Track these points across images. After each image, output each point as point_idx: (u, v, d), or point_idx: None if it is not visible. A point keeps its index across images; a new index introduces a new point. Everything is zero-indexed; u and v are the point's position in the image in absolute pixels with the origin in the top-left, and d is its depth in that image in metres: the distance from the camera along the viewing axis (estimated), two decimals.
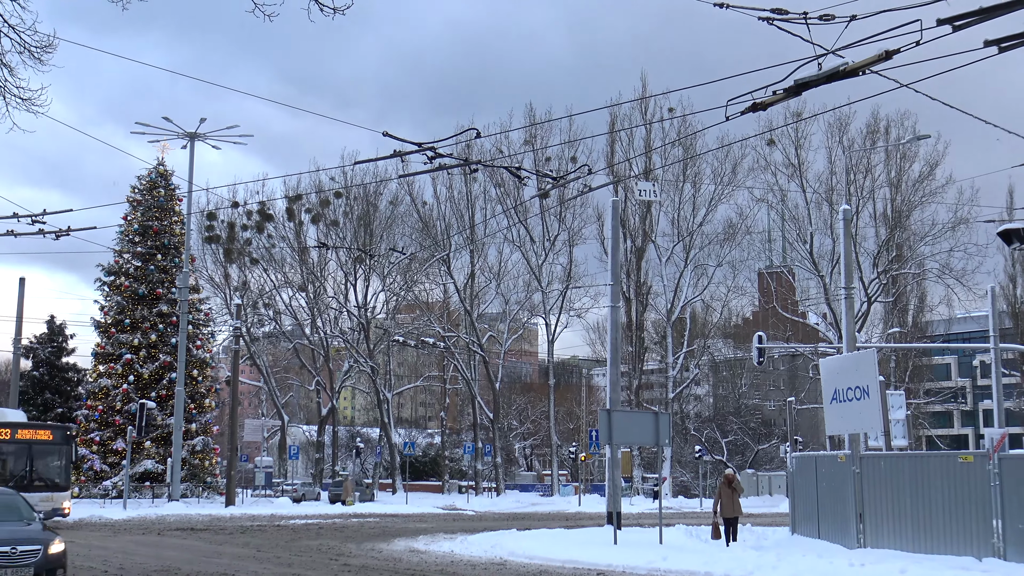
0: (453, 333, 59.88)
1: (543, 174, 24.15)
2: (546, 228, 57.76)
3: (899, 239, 54.17)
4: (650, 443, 24.08)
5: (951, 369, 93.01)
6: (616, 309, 29.93)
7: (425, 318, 60.45)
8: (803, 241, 54.68)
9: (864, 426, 22.07)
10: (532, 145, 56.17)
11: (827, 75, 12.08)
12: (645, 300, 59.19)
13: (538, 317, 61.46)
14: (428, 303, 61.84)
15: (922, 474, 19.79)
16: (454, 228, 58.30)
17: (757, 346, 38.75)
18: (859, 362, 21.82)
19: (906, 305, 58.59)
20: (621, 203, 50.39)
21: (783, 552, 19.63)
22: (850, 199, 51.96)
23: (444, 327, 59.30)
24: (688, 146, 55.51)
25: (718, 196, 56.72)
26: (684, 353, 58.97)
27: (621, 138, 57.23)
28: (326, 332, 59.37)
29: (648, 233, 57.90)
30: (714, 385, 77.29)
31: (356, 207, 59.02)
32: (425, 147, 18.05)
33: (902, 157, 54.53)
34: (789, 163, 54.40)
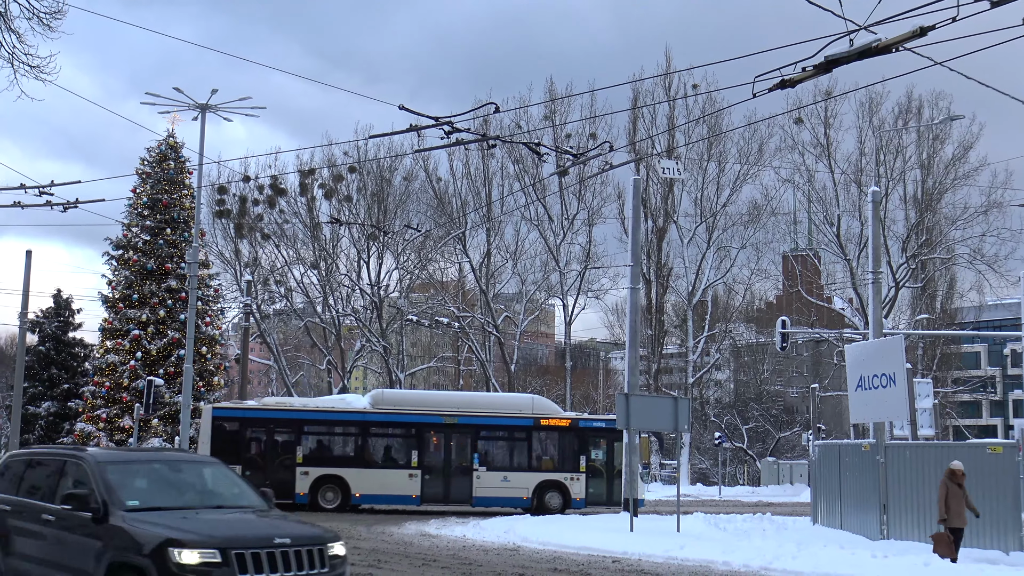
0: (468, 313, 59.89)
1: (562, 151, 24.12)
2: (565, 207, 57.63)
3: (929, 223, 53.86)
4: (669, 429, 24.10)
5: (981, 357, 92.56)
6: (636, 291, 29.87)
7: (439, 297, 60.48)
8: (830, 224, 54.43)
9: (890, 414, 22.05)
10: (552, 121, 55.96)
11: (859, 52, 12.00)
12: (666, 282, 59.05)
13: (555, 298, 61.41)
14: (443, 282, 61.83)
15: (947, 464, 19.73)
16: (470, 205, 58.23)
17: (780, 331, 38.68)
18: (885, 349, 21.77)
19: (935, 291, 58.26)
20: (642, 182, 50.17)
21: (804, 543, 19.64)
22: (879, 181, 51.68)
23: (459, 307, 59.32)
24: (713, 124, 55.20)
25: (743, 176, 56.43)
26: (705, 337, 58.84)
27: (643, 115, 56.96)
28: (338, 310, 59.50)
29: (670, 213, 57.70)
30: (735, 370, 77.09)
31: (370, 183, 59.03)
32: (442, 121, 18.04)
33: (934, 138, 54.19)
34: (817, 143, 54.13)
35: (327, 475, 30.48)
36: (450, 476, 31.42)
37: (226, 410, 31.99)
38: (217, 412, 31.37)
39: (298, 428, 31.30)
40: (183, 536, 9.52)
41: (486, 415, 32.09)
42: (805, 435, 54.21)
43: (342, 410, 32.28)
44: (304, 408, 32.48)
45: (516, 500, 30.99)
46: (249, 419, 31.33)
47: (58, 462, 11.65)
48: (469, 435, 31.70)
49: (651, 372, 57.88)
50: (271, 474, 29.90)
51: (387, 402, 32.10)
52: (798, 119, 52.96)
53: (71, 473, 11.20)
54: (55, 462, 11.75)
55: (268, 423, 31.37)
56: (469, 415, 31.73)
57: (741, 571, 16.86)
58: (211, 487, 11.60)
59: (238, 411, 31.84)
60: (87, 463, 10.98)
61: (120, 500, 10.33)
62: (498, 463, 31.78)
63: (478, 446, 31.72)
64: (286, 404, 33.52)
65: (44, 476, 11.77)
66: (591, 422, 32.42)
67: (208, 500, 11.21)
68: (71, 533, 10.57)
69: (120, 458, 11.88)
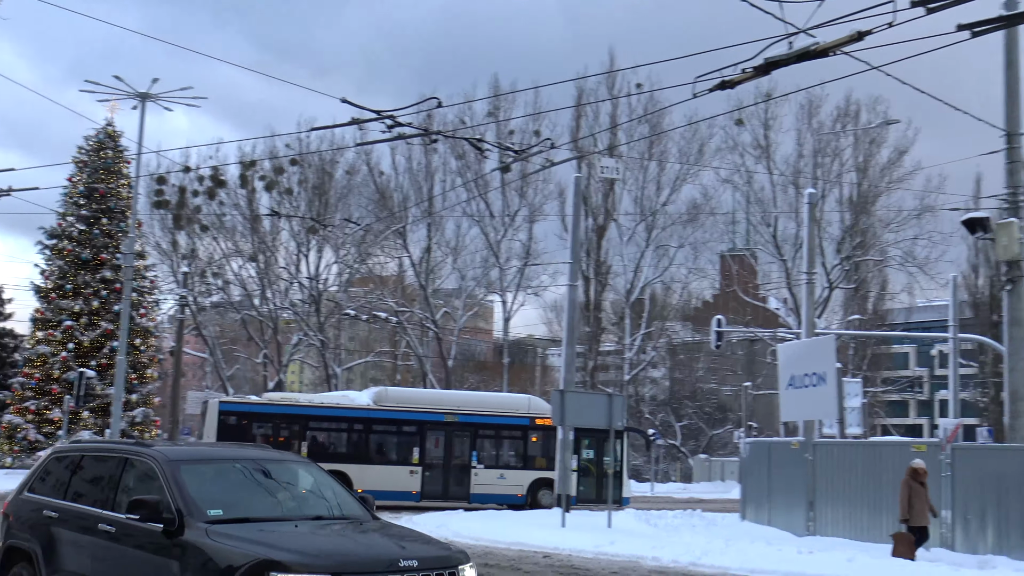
0: (407, 308, 59.65)
1: (505, 147, 24.05)
2: (506, 203, 57.66)
3: (864, 225, 54.65)
4: (603, 425, 24.13)
5: (910, 358, 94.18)
6: (574, 288, 29.90)
7: (378, 292, 60.17)
8: (767, 224, 55.08)
9: (819, 413, 22.33)
10: (495, 117, 55.91)
11: (797, 54, 12.08)
12: (604, 280, 59.28)
13: (494, 294, 61.42)
14: (382, 277, 61.56)
15: (875, 463, 20.06)
16: (411, 200, 58.03)
17: (716, 329, 39.06)
18: (817, 348, 22.03)
19: (867, 292, 59.14)
20: (584, 180, 50.33)
21: (732, 538, 19.80)
22: (816, 183, 52.31)
23: (398, 302, 59.06)
24: (655, 123, 55.51)
25: (683, 176, 56.86)
26: (642, 335, 59.20)
27: (587, 113, 57.14)
28: (276, 304, 58.97)
29: (610, 211, 57.94)
30: (671, 368, 77.65)
31: (312, 176, 58.58)
32: (384, 115, 17.88)
33: (871, 142, 54.98)
34: (757, 144, 54.71)
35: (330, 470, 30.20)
36: (449, 473, 31.85)
37: (233, 404, 32.31)
38: (224, 406, 31.47)
39: (303, 423, 31.46)
40: (285, 557, 7.50)
41: (485, 414, 32.72)
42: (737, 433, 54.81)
43: (346, 406, 32.48)
44: (309, 404, 32.77)
45: (511, 497, 31.51)
46: (255, 413, 31.52)
47: (117, 460, 9.52)
48: (468, 434, 32.31)
49: (588, 369, 58.10)
50: None
51: (390, 399, 32.56)
52: (739, 120, 53.48)
53: (134, 474, 9.18)
54: (113, 460, 9.61)
55: (273, 418, 31.54)
56: (469, 414, 32.34)
57: (670, 567, 16.95)
58: (306, 493, 9.52)
59: (244, 405, 32.24)
60: (156, 461, 8.89)
61: (199, 509, 8.26)
62: (495, 461, 32.41)
63: (477, 444, 32.30)
64: (291, 399, 33.83)
65: (100, 477, 9.63)
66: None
67: (305, 509, 9.15)
68: (136, 549, 8.51)
69: (195, 455, 9.67)
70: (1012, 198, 17.35)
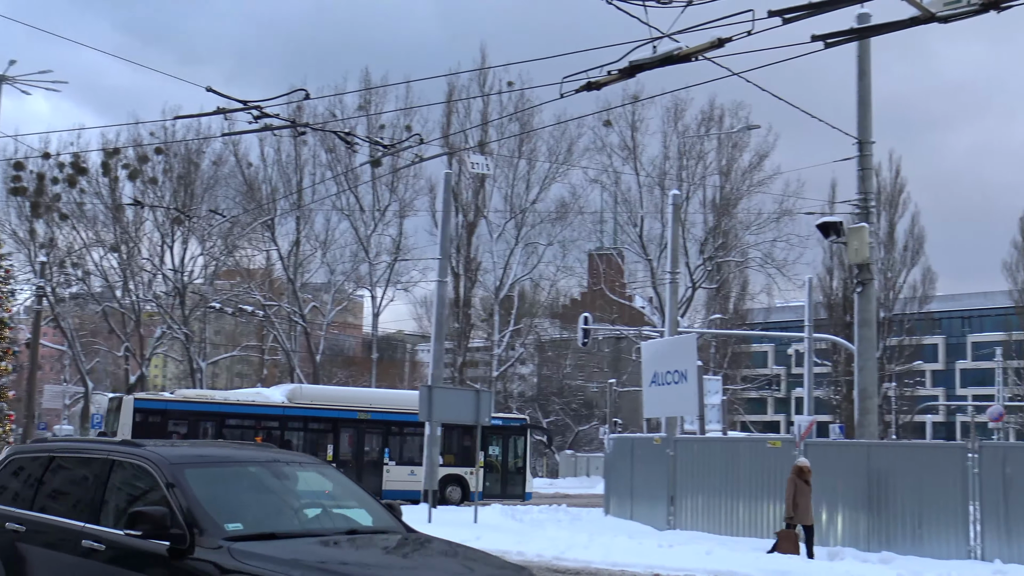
0: (274, 302, 58.74)
1: (374, 141, 23.89)
2: (377, 198, 57.27)
3: (726, 227, 55.98)
4: (471, 420, 24.20)
5: (768, 357, 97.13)
6: (443, 284, 29.95)
7: (245, 285, 59.10)
8: (634, 224, 55.94)
9: (681, 410, 22.81)
10: (366, 111, 55.50)
11: (661, 59, 12.29)
12: (474, 276, 59.42)
13: (364, 289, 60.96)
14: (249, 270, 60.45)
15: (732, 458, 20.58)
16: (280, 192, 57.17)
17: (583, 327, 39.54)
18: (679, 346, 22.50)
19: (729, 292, 60.68)
20: (455, 176, 50.34)
21: (596, 532, 20.08)
22: (681, 185, 53.38)
23: (265, 295, 58.11)
24: (525, 122, 55.88)
25: (552, 174, 57.38)
26: (511, 331, 59.53)
27: (458, 109, 57.18)
28: (138, 296, 57.38)
29: (480, 208, 58.09)
30: (539, 365, 78.34)
31: (177, 165, 57.17)
32: (250, 105, 17.56)
33: (733, 146, 56.39)
34: (625, 145, 55.54)
35: None
36: (362, 470, 31.83)
37: (148, 401, 31.51)
38: (139, 403, 30.59)
39: (220, 421, 30.94)
40: None
41: (397, 411, 32.83)
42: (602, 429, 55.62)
43: (262, 404, 32.14)
44: (225, 401, 32.35)
45: (421, 493, 31.23)
46: (171, 411, 30.82)
47: (100, 462, 7.79)
48: (381, 430, 32.66)
49: (456, 365, 58.17)
50: None
51: (304, 397, 32.50)
52: (607, 122, 54.24)
53: (123, 479, 7.59)
54: (96, 462, 7.86)
55: (191, 416, 30.89)
56: (382, 411, 32.61)
57: (534, 560, 17.09)
58: (331, 500, 7.96)
59: (160, 403, 31.45)
60: (152, 463, 7.29)
61: (215, 523, 6.68)
62: (406, 457, 32.80)
63: (389, 441, 32.68)
64: (206, 397, 33.39)
65: (78, 483, 7.99)
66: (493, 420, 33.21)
67: (335, 521, 7.60)
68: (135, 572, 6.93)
69: (199, 457, 7.91)
70: (863, 203, 18.01)
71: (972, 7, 8.99)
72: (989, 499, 17.20)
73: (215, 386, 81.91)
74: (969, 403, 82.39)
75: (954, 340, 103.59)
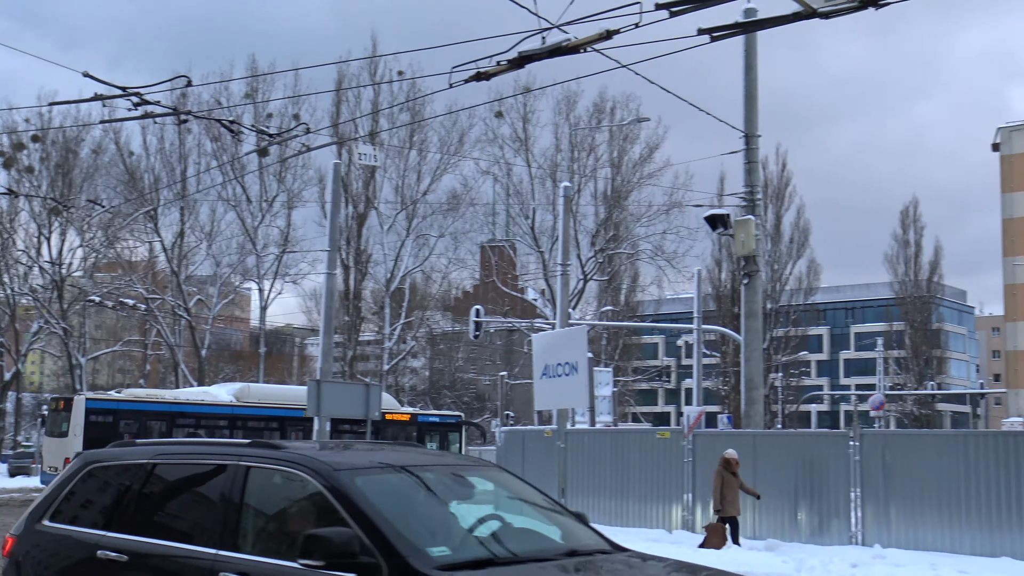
0: (158, 295, 57.48)
1: (260, 130, 23.50)
2: (264, 188, 56.45)
3: (617, 219, 56.58)
4: (360, 415, 23.99)
5: (659, 348, 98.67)
6: (332, 276, 29.61)
7: (127, 278, 57.70)
8: (526, 216, 56.17)
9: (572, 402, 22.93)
10: (253, 99, 54.64)
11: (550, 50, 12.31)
12: (364, 268, 59.01)
13: (251, 281, 60.03)
14: (131, 262, 59.04)
15: (623, 449, 20.83)
16: (164, 182, 55.93)
17: (474, 319, 39.53)
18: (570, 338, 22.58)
19: (620, 284, 61.37)
20: (344, 166, 49.91)
21: None
22: (573, 177, 53.78)
23: (148, 288, 56.83)
24: (416, 111, 55.66)
25: (444, 165, 57.30)
26: (402, 324, 59.27)
27: (348, 98, 56.72)
28: (13, 289, 55.52)
29: (371, 199, 57.70)
30: (431, 358, 78.25)
31: (55, 153, 55.48)
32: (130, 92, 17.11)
33: (624, 138, 57.00)
34: (516, 137, 55.72)
35: None
36: None
37: (100, 401, 31.19)
38: (91, 403, 30.32)
39: (171, 420, 30.82)
40: None
41: None
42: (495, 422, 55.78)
43: (213, 403, 32.01)
44: (175, 400, 32.03)
45: None
46: (124, 411, 30.64)
47: (230, 470, 6.11)
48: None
49: (347, 359, 57.70)
50: None
51: (252, 396, 32.45)
52: (498, 113, 54.34)
53: (270, 491, 6.07)
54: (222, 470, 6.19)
55: (142, 415, 30.72)
56: None
57: None
58: (519, 511, 6.38)
59: (112, 402, 31.12)
60: (316, 471, 5.72)
61: (415, 547, 5.25)
62: None
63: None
64: (156, 396, 33.03)
65: (199, 497, 6.43)
66: (428, 416, 34.73)
67: (540, 540, 6.09)
68: None
69: (365, 462, 6.22)
70: (750, 196, 18.37)
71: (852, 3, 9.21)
72: (869, 485, 17.73)
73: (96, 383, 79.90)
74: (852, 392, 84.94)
75: (838, 331, 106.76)
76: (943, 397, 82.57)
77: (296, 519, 5.84)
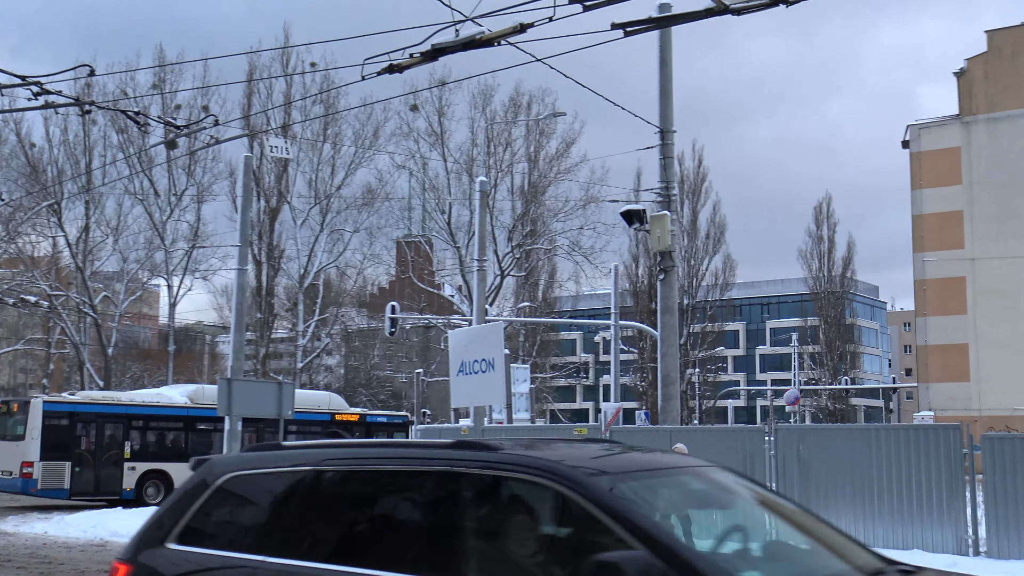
0: (62, 292, 56.21)
1: (167, 122, 23.08)
2: (173, 181, 55.58)
3: (534, 214, 56.79)
4: (273, 414, 23.75)
5: (576, 345, 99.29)
6: (243, 272, 29.28)
7: (29, 274, 56.31)
8: (442, 211, 56.10)
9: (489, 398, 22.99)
10: (161, 89, 53.78)
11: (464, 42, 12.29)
12: (277, 264, 58.40)
13: (160, 278, 59.06)
14: (34, 257, 57.60)
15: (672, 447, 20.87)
16: (67, 175, 54.68)
17: (390, 316, 39.44)
18: (487, 334, 22.66)
19: (537, 280, 61.65)
20: (256, 160, 49.30)
21: None
22: (489, 172, 53.85)
23: (51, 285, 55.54)
24: (330, 104, 55.21)
25: (358, 159, 56.96)
26: (316, 321, 58.81)
27: (259, 90, 56.09)
28: None
29: (283, 193, 57.11)
30: (346, 356, 77.75)
31: None
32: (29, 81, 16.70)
33: (540, 133, 57.27)
34: (432, 131, 55.60)
35: (152, 470, 30.58)
36: None
37: (57, 404, 30.73)
38: (48, 406, 29.77)
39: (127, 423, 30.80)
40: None
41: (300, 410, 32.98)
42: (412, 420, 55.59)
43: (168, 404, 31.91)
44: (132, 403, 31.92)
45: None
46: (81, 413, 30.30)
47: (436, 478, 5.06)
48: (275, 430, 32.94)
49: (259, 357, 57.08)
50: (100, 470, 29.69)
51: (207, 397, 31.51)
52: (413, 106, 54.17)
53: (499, 504, 4.97)
54: (423, 478, 5.14)
55: (99, 417, 30.48)
56: None
57: None
58: (788, 522, 5.33)
59: (69, 405, 30.74)
60: (569, 480, 4.65)
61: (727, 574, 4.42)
62: None
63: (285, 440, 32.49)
64: (112, 398, 33.01)
65: (392, 511, 5.33)
66: (376, 417, 34.78)
67: (825, 558, 5.04)
68: None
69: (616, 466, 5.07)
70: (665, 192, 18.54)
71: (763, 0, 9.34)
72: (785, 479, 18.03)
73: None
74: (768, 388, 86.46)
75: (754, 326, 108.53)
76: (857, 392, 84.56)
77: (542, 539, 4.77)
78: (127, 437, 30.95)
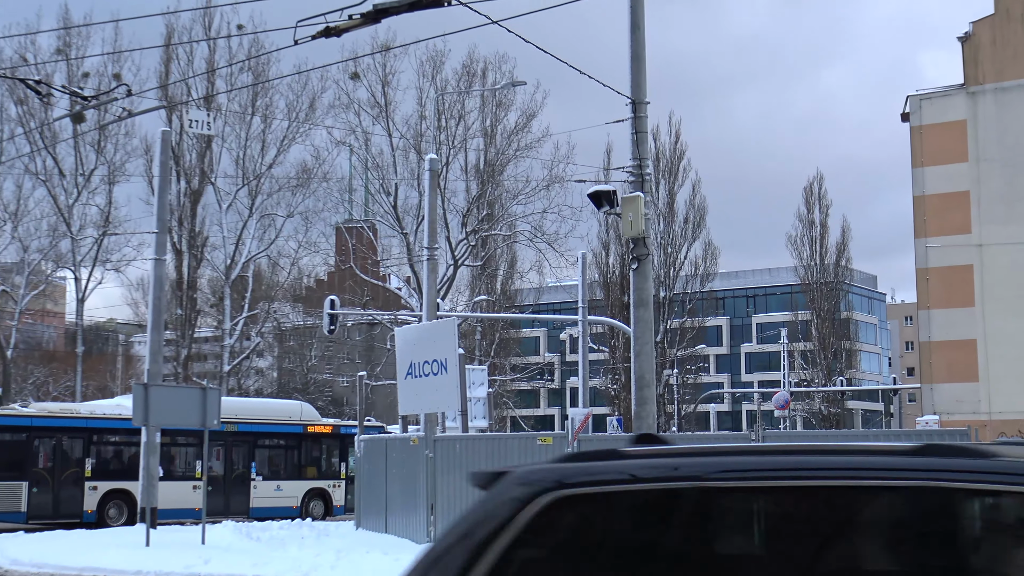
0: None
1: (73, 92, 22.86)
2: (80, 160, 55.13)
3: (491, 196, 56.61)
4: (197, 424, 23.66)
5: (540, 343, 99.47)
6: (162, 263, 29.19)
7: None
8: (387, 193, 55.75)
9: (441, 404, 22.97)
10: (65, 55, 53.27)
11: (409, 2, 12.29)
12: (200, 253, 58.02)
13: (66, 269, 58.59)
14: None
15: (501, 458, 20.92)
16: None
17: (329, 312, 39.23)
18: (438, 332, 22.62)
19: (495, 270, 61.58)
20: (175, 135, 48.95)
21: (345, 550, 20.02)
22: (440, 148, 53.61)
23: None
24: (259, 72, 54.86)
25: (292, 134, 56.67)
26: (245, 318, 58.51)
27: (178, 55, 55.64)
28: None
29: (207, 173, 56.72)
30: (279, 357, 77.42)
31: None
32: None
33: (497, 105, 57.04)
34: (375, 102, 55.24)
35: (115, 489, 31.05)
36: (231, 486, 33.35)
37: (10, 418, 30.99)
38: (2, 420, 30.38)
39: (88, 438, 31.35)
40: None
41: (263, 422, 34.55)
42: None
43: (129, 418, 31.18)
44: (91, 415, 32.34)
45: (287, 509, 33.18)
46: (37, 428, 30.74)
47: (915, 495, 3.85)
48: (247, 444, 34.12)
49: (180, 359, 56.71)
50: (59, 490, 30.10)
51: None
52: (354, 74, 53.77)
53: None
54: (888, 495, 3.98)
55: (57, 432, 31.00)
56: (248, 422, 33.73)
57: None
58: None
59: (25, 419, 30.94)
60: None
61: None
62: (272, 472, 34.74)
63: (255, 455, 34.26)
64: (71, 411, 33.64)
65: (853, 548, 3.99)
66: (351, 428, 35.05)
67: None
68: None
69: None
70: (638, 170, 18.53)
71: None
72: None
73: None
74: (755, 390, 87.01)
75: (738, 321, 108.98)
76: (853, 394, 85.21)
77: None
78: (87, 454, 31.32)
